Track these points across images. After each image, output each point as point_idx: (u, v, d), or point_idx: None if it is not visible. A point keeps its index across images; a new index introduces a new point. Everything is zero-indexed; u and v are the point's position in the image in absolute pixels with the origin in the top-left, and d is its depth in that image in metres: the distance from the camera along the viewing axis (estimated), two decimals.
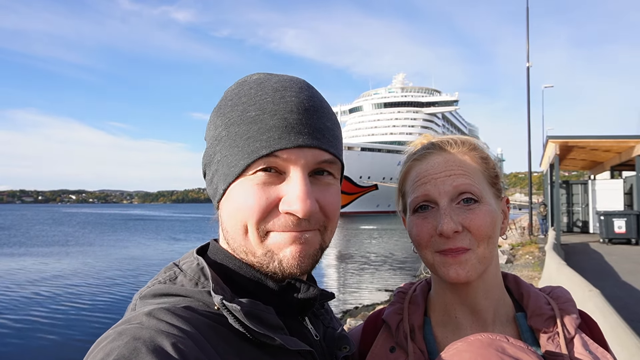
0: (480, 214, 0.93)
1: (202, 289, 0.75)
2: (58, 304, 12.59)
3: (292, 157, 0.76)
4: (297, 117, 0.77)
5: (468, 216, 0.92)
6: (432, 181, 0.96)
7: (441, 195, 0.94)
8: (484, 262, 0.94)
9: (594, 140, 18.08)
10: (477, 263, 0.92)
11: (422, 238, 0.95)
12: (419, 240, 0.96)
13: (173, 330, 0.64)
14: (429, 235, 0.94)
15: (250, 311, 0.72)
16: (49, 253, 25.39)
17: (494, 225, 0.95)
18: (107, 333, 0.64)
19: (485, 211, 0.94)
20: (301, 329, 0.84)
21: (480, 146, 1.03)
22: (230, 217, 0.79)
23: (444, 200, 0.94)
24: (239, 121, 0.78)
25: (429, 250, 0.95)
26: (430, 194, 0.95)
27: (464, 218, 0.92)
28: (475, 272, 0.92)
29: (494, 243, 0.96)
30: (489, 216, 0.94)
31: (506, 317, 1.00)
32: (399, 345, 0.99)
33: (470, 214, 0.93)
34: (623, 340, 3.65)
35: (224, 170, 0.80)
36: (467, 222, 0.92)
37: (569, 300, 1.00)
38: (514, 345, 0.80)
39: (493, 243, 0.95)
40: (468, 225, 0.92)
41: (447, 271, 0.92)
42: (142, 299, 0.77)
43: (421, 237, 0.95)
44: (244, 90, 0.81)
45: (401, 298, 1.08)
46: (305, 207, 0.74)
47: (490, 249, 0.95)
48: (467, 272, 0.91)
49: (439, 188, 0.95)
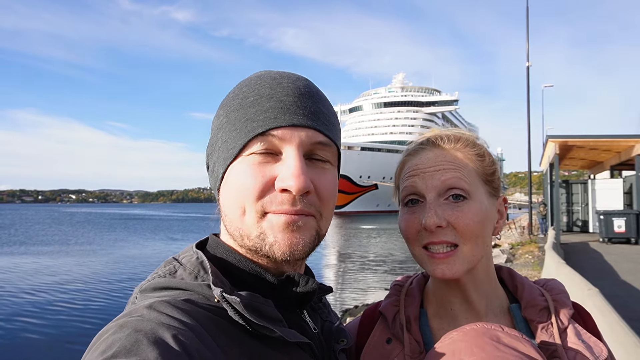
0: (468, 212, 0.92)
1: (201, 282, 0.76)
2: (50, 303, 12.50)
3: (287, 135, 0.78)
4: (293, 99, 0.80)
5: (454, 213, 0.92)
6: (421, 175, 0.96)
7: (428, 189, 0.94)
8: (471, 261, 0.93)
9: (594, 140, 18.07)
10: (464, 262, 0.92)
11: (410, 232, 0.96)
12: (407, 234, 0.97)
13: (174, 322, 0.64)
14: (416, 230, 0.95)
15: (250, 303, 0.73)
16: (44, 252, 25.36)
17: (482, 224, 0.94)
18: (108, 326, 0.65)
19: (473, 209, 0.93)
20: (300, 322, 0.85)
21: (478, 143, 1.02)
22: (229, 199, 0.81)
23: (431, 194, 0.94)
24: (239, 107, 0.82)
25: (417, 244, 0.96)
26: (417, 187, 0.96)
27: (450, 214, 0.92)
28: (462, 271, 0.92)
29: (483, 242, 0.94)
30: (477, 214, 0.93)
31: (500, 308, 1.01)
32: (396, 337, 1.00)
33: (457, 210, 0.92)
34: (621, 339, 3.65)
35: (223, 155, 0.82)
36: (452, 219, 0.91)
37: (563, 291, 1.01)
38: (509, 335, 0.81)
39: (482, 242, 0.94)
40: (454, 222, 0.91)
41: (433, 269, 0.93)
42: (142, 292, 0.77)
43: (409, 231, 0.96)
44: (245, 83, 0.86)
45: (397, 290, 1.09)
46: (300, 183, 0.75)
47: (479, 248, 0.94)
48: (452, 272, 0.92)
49: (426, 182, 0.95)
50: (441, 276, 0.92)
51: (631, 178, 19.87)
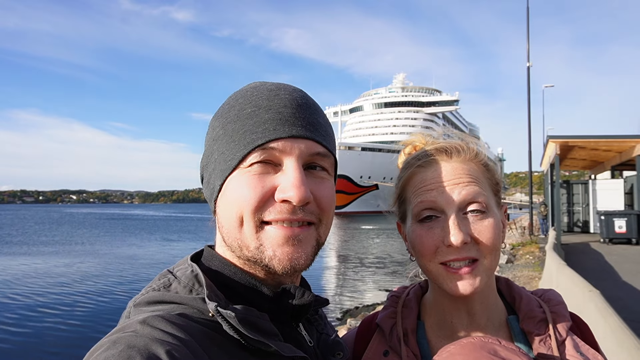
0: (489, 226, 0.91)
1: (196, 296, 0.75)
2: (32, 309, 12.13)
3: (287, 147, 0.78)
4: (291, 111, 0.80)
5: (477, 228, 0.90)
6: (440, 189, 0.92)
7: (449, 205, 0.91)
8: (490, 275, 0.93)
9: (594, 140, 18.06)
10: (484, 276, 0.91)
11: (428, 249, 0.92)
12: (424, 252, 0.93)
13: (168, 338, 0.64)
14: (434, 247, 0.91)
15: (245, 318, 0.72)
16: (38, 252, 25.35)
17: (500, 236, 0.93)
18: (101, 342, 0.64)
19: (493, 222, 0.92)
20: (295, 336, 0.85)
21: (482, 151, 1.01)
22: (227, 210, 0.80)
23: (452, 209, 0.91)
24: (236, 119, 0.81)
25: (433, 261, 0.92)
26: (437, 202, 0.92)
27: (474, 229, 0.90)
28: (482, 285, 0.91)
29: (499, 253, 0.94)
30: (496, 227, 0.92)
31: (499, 320, 1.00)
32: (393, 349, 0.99)
33: (479, 225, 0.90)
34: (622, 341, 3.64)
35: (220, 167, 0.81)
36: (476, 234, 0.90)
37: (561, 302, 1.00)
38: (506, 348, 0.81)
39: (498, 254, 0.94)
40: (477, 237, 0.90)
41: (454, 286, 0.90)
42: (136, 306, 0.77)
43: (426, 248, 0.92)
44: (240, 94, 0.85)
45: (394, 302, 1.08)
46: (300, 194, 0.75)
47: (496, 260, 0.94)
48: (475, 287, 0.90)
49: (446, 197, 0.91)
50: (463, 293, 0.89)
51: (632, 178, 19.86)
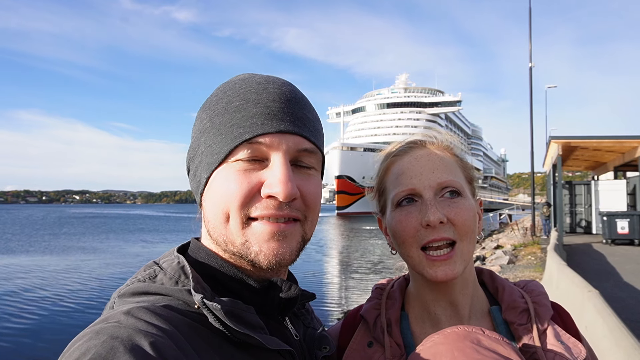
0: (464, 208, 0.95)
1: (182, 288, 0.75)
2: (22, 304, 12.12)
3: (274, 142, 0.78)
4: (279, 105, 0.79)
5: (452, 209, 0.94)
6: (417, 175, 0.97)
7: (425, 188, 0.96)
8: (467, 260, 0.95)
9: (597, 141, 18.01)
10: (462, 261, 0.94)
11: (408, 232, 0.95)
12: (404, 235, 0.96)
13: (152, 329, 0.63)
14: (414, 229, 0.94)
15: (231, 310, 0.72)
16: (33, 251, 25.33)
17: (474, 221, 0.97)
18: (83, 332, 0.63)
19: (467, 205, 0.96)
20: (281, 329, 0.85)
21: (457, 145, 1.06)
22: (213, 205, 0.80)
23: (428, 193, 0.95)
24: (223, 111, 0.80)
25: (414, 246, 0.95)
26: (415, 187, 0.96)
27: (449, 211, 0.94)
28: (461, 270, 0.94)
29: (474, 239, 0.97)
30: (470, 210, 0.96)
31: (481, 311, 1.01)
32: (377, 340, 1.00)
33: (454, 207, 0.94)
34: (620, 341, 3.63)
35: (207, 160, 0.81)
36: (451, 215, 0.93)
37: (542, 293, 1.02)
38: (490, 337, 0.81)
39: (473, 239, 0.97)
40: (452, 218, 0.93)
41: (434, 271, 0.93)
42: (120, 297, 0.76)
43: (406, 231, 0.95)
44: (228, 86, 0.84)
45: (379, 294, 1.09)
46: (286, 189, 0.75)
47: (472, 245, 0.96)
48: (454, 272, 0.92)
49: (423, 181, 0.96)
50: (443, 278, 0.92)
51: (635, 179, 19.79)
